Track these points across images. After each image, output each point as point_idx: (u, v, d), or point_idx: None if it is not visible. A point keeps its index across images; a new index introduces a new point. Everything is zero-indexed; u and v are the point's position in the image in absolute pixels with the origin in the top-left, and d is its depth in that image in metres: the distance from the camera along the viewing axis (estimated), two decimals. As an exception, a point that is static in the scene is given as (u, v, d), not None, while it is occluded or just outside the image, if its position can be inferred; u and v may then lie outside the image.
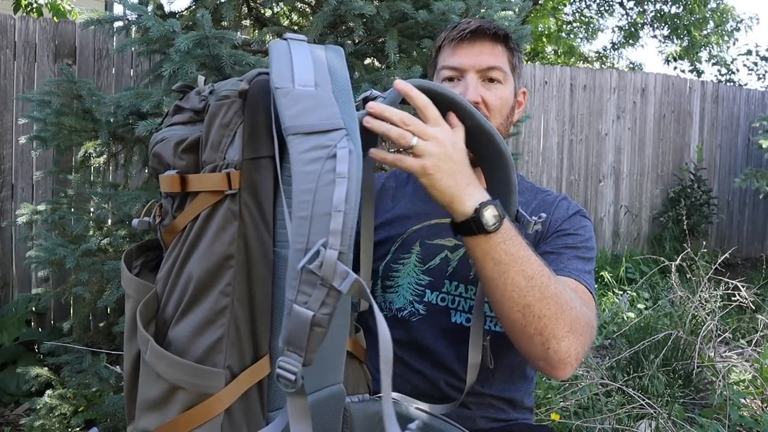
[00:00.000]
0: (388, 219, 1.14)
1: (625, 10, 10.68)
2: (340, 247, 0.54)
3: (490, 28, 1.05)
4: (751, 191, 5.84)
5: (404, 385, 1.07)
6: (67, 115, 1.95)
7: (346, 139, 0.57)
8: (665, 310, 3.17)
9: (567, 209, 1.08)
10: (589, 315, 0.87)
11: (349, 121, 0.60)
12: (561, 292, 0.83)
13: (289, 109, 0.59)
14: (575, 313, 0.84)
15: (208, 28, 1.56)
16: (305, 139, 0.57)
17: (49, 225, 2.20)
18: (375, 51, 1.96)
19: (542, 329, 0.81)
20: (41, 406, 1.93)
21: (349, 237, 0.54)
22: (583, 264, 1.01)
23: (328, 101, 0.61)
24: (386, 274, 1.11)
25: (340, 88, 0.62)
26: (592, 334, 0.88)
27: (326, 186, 0.55)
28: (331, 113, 0.59)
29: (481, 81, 1.05)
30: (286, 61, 0.63)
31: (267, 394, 0.68)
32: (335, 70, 0.64)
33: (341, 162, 0.55)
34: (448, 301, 1.06)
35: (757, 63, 10.55)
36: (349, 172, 0.55)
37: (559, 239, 1.03)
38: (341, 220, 0.54)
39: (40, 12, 4.29)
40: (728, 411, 2.15)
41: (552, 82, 5.01)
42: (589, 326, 0.87)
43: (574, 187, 5.14)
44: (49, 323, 2.90)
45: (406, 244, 1.11)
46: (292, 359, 0.56)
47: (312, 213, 0.55)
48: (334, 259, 0.53)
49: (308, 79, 0.62)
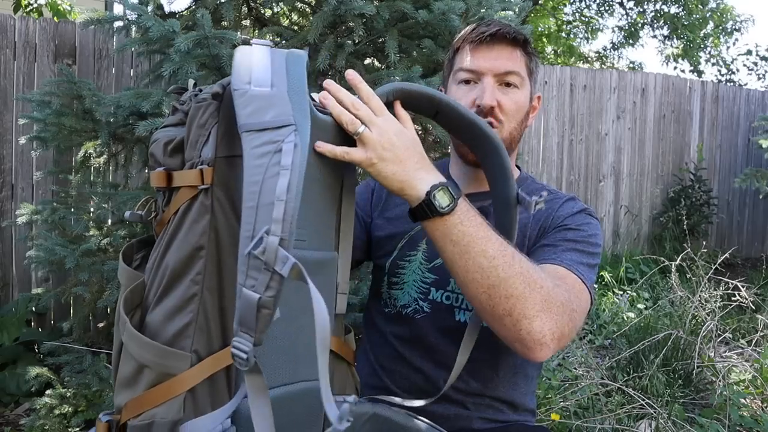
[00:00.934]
0: (397, 214, 1.14)
1: (625, 10, 10.68)
2: (281, 233, 0.57)
3: (510, 33, 1.05)
4: (751, 191, 5.83)
5: (403, 381, 1.08)
6: (67, 115, 1.96)
7: (294, 134, 0.61)
8: (665, 310, 3.17)
9: (573, 207, 1.08)
10: (564, 296, 0.85)
11: (300, 118, 0.63)
12: (528, 271, 0.81)
13: (244, 109, 0.64)
14: (546, 292, 0.82)
15: (208, 28, 1.56)
16: (257, 135, 0.62)
17: (49, 225, 2.20)
18: (375, 51, 1.96)
19: (511, 309, 0.80)
20: (41, 406, 1.93)
21: (290, 224, 0.58)
22: (580, 256, 0.98)
23: (281, 100, 0.64)
24: (392, 270, 1.12)
25: (294, 88, 0.66)
26: (573, 317, 0.86)
27: (271, 178, 0.59)
28: (282, 111, 0.63)
29: (498, 85, 1.05)
30: (246, 65, 0.67)
31: (236, 380, 0.72)
32: (292, 72, 0.67)
33: (286, 155, 0.60)
34: (452, 300, 1.06)
35: (757, 63, 10.55)
36: (292, 165, 0.59)
37: (559, 233, 1.03)
38: (282, 209, 0.58)
39: (40, 12, 4.29)
40: (728, 411, 2.15)
41: (552, 82, 5.01)
42: (566, 307, 0.84)
43: (574, 187, 5.14)
44: (49, 323, 2.90)
45: (413, 241, 1.11)
46: (245, 339, 0.60)
47: (258, 203, 0.59)
48: (275, 245, 0.57)
49: (265, 80, 0.66)
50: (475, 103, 1.04)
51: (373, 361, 1.13)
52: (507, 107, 1.05)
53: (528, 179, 1.16)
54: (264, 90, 0.65)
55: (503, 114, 1.05)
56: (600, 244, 1.04)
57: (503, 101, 1.05)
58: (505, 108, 1.05)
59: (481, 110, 1.03)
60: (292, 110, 0.63)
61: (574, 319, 0.86)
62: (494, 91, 1.04)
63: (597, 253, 1.02)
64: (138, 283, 0.71)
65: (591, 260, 1.00)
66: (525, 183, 1.14)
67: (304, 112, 0.64)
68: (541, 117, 4.96)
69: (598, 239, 1.04)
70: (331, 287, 0.86)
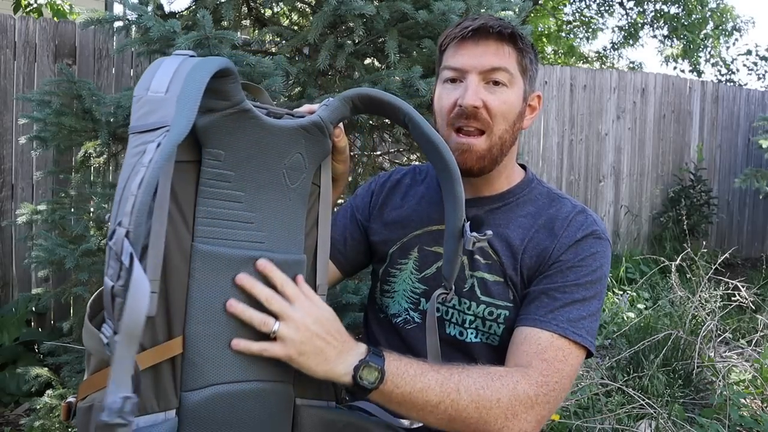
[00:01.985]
0: (394, 219, 1.12)
1: (625, 10, 10.68)
2: (128, 226, 0.60)
3: (495, 26, 0.97)
4: (751, 191, 5.83)
5: None
6: (67, 115, 1.95)
7: (164, 135, 0.63)
8: (665, 310, 3.17)
9: (577, 230, 0.98)
10: (531, 389, 0.85)
11: (180, 120, 0.65)
12: (478, 394, 0.83)
13: (136, 113, 0.68)
14: (505, 402, 0.83)
15: (208, 28, 1.56)
16: (137, 137, 0.66)
17: (49, 225, 2.20)
18: (375, 51, 1.96)
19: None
20: (41, 406, 1.93)
21: (136, 217, 0.60)
22: (581, 308, 0.93)
23: (167, 104, 0.67)
24: (384, 278, 1.10)
25: (187, 92, 0.67)
26: (549, 398, 0.86)
27: (134, 176, 0.62)
28: (165, 114, 0.66)
29: (484, 83, 0.97)
30: (150, 73, 0.70)
31: (180, 374, 0.75)
32: (191, 78, 0.68)
33: (147, 154, 0.62)
34: (442, 312, 1.03)
35: (757, 63, 10.55)
36: (149, 162, 0.61)
37: (557, 275, 0.95)
38: (132, 203, 0.60)
39: (40, 12, 4.29)
40: (728, 411, 2.15)
41: (552, 82, 5.01)
42: (535, 398, 0.85)
43: (574, 187, 5.14)
44: (49, 323, 2.90)
45: (405, 248, 1.08)
46: (107, 327, 0.63)
47: (120, 198, 0.62)
48: (122, 236, 0.60)
49: (161, 86, 0.68)
50: (456, 104, 0.97)
51: None
52: (494, 107, 0.96)
53: (533, 182, 1.08)
54: (158, 95, 0.68)
55: (490, 115, 0.97)
56: (606, 275, 0.98)
57: (489, 101, 0.96)
58: (492, 108, 0.96)
59: (463, 111, 0.96)
60: (176, 112, 0.65)
61: (552, 398, 0.87)
62: (478, 90, 0.96)
63: (600, 291, 0.96)
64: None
65: (592, 305, 0.94)
66: (529, 187, 1.07)
67: (187, 112, 0.65)
68: (541, 117, 4.96)
69: (603, 270, 0.97)
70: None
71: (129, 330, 0.58)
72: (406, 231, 1.09)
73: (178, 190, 0.75)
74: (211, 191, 0.78)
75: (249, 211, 0.81)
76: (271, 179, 0.83)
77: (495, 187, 1.06)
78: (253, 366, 0.80)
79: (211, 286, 0.77)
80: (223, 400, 0.77)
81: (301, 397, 0.86)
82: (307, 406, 0.86)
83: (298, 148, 0.84)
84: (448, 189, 0.89)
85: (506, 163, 1.04)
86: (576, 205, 1.03)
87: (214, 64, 0.70)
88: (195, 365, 0.75)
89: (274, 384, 0.82)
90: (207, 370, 0.76)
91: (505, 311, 0.99)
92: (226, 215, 0.79)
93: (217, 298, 0.77)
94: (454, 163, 0.87)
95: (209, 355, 0.76)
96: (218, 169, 0.78)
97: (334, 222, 1.16)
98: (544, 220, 1.01)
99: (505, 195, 1.06)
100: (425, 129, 0.87)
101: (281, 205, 0.84)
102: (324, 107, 0.88)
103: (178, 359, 0.75)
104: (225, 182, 0.79)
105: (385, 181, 1.18)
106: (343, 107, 0.89)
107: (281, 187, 0.84)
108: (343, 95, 0.88)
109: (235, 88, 0.75)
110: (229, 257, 0.78)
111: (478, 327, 1.01)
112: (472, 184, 1.05)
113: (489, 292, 1.00)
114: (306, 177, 0.87)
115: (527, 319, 0.94)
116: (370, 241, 1.15)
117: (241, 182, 0.80)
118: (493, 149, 0.99)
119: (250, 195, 0.81)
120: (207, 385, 0.76)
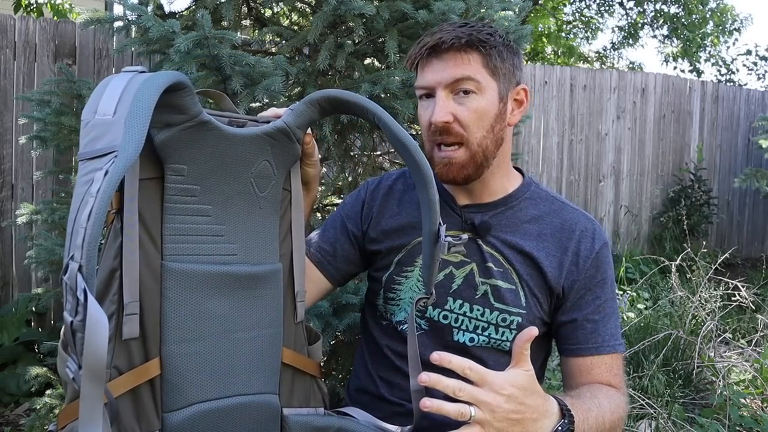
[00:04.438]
0: (393, 227, 1.10)
1: (625, 10, 10.68)
2: (80, 260, 0.58)
3: (448, 39, 0.97)
4: (751, 191, 5.84)
5: (402, 393, 1.05)
6: (66, 114, 1.95)
7: (112, 161, 0.61)
8: (665, 310, 3.17)
9: (592, 244, 1.04)
10: (623, 401, 1.00)
11: (128, 143, 0.62)
12: (612, 423, 0.94)
13: (84, 138, 0.65)
14: (621, 419, 0.97)
15: (207, 28, 1.55)
16: (86, 164, 0.63)
17: (49, 225, 2.19)
18: (375, 51, 1.96)
19: None
20: (41, 406, 1.93)
21: (87, 251, 0.57)
22: (615, 318, 1.05)
23: (115, 127, 0.63)
24: (388, 286, 1.09)
25: (134, 112, 0.64)
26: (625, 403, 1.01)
27: (84, 206, 0.59)
28: (113, 138, 0.63)
29: (453, 95, 0.98)
30: (98, 95, 0.67)
31: (161, 395, 0.74)
32: (140, 97, 0.65)
33: (95, 183, 0.60)
34: (451, 320, 1.04)
35: (757, 63, 10.55)
36: (97, 192, 0.59)
37: (589, 295, 1.04)
38: (82, 236, 0.58)
39: (40, 12, 4.29)
40: (728, 411, 2.15)
41: (552, 82, 5.01)
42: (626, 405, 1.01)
43: (574, 187, 5.14)
44: (49, 323, 2.90)
45: (410, 256, 1.07)
46: (71, 361, 0.61)
47: (72, 230, 0.60)
48: (75, 270, 0.58)
49: (109, 108, 0.65)
50: (430, 122, 0.99)
51: (371, 370, 1.11)
52: (464, 118, 0.97)
53: (531, 185, 1.09)
54: (105, 118, 0.65)
55: (462, 126, 0.98)
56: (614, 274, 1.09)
57: (459, 113, 0.97)
58: (463, 120, 0.97)
59: (436, 128, 0.98)
60: (123, 134, 0.62)
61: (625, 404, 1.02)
62: (447, 105, 0.97)
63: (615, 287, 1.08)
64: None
65: (616, 306, 1.07)
66: (529, 190, 1.08)
67: (136, 134, 0.63)
68: (541, 117, 4.96)
69: (613, 273, 1.08)
70: (276, 298, 0.86)
71: (91, 367, 0.56)
72: (409, 238, 1.08)
73: (143, 208, 0.74)
74: (176, 207, 0.77)
75: (218, 223, 0.80)
76: (239, 189, 0.82)
77: (494, 191, 1.07)
78: (234, 380, 0.79)
79: (185, 304, 0.76)
80: (207, 417, 0.76)
81: (287, 407, 0.86)
82: (295, 415, 0.86)
83: (264, 155, 0.83)
84: (422, 192, 0.87)
85: (499, 164, 1.05)
86: (576, 210, 1.08)
87: (162, 79, 0.67)
88: (174, 386, 0.75)
89: (257, 396, 0.81)
90: (187, 390, 0.75)
91: (518, 317, 1.01)
92: (195, 230, 0.78)
93: (192, 316, 0.76)
94: (426, 165, 0.85)
95: (188, 374, 0.75)
96: (182, 184, 0.77)
97: (324, 231, 1.15)
98: (550, 227, 1.05)
99: (507, 199, 1.07)
100: (395, 130, 0.85)
101: (252, 215, 0.83)
102: (290, 112, 0.87)
103: (156, 381, 0.74)
104: (190, 197, 0.78)
105: (375, 189, 1.17)
106: (310, 111, 0.87)
107: (250, 196, 0.83)
108: (309, 98, 0.87)
109: (190, 101, 0.73)
110: (201, 273, 0.77)
111: (491, 334, 1.02)
112: (471, 191, 1.06)
113: (503, 299, 1.01)
114: (276, 183, 0.86)
115: (585, 348, 1.03)
116: (368, 250, 1.13)
117: (208, 195, 0.79)
118: (476, 157, 1.00)
119: (218, 207, 0.80)
120: (189, 404, 0.76)
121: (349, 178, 2.07)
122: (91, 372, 0.56)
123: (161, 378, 0.74)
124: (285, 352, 0.88)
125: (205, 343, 0.77)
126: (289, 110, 0.88)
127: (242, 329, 0.81)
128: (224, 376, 0.78)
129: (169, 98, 0.70)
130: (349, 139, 2.03)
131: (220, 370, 0.78)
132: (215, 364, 0.78)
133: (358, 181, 2.05)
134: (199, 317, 0.77)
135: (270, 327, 0.85)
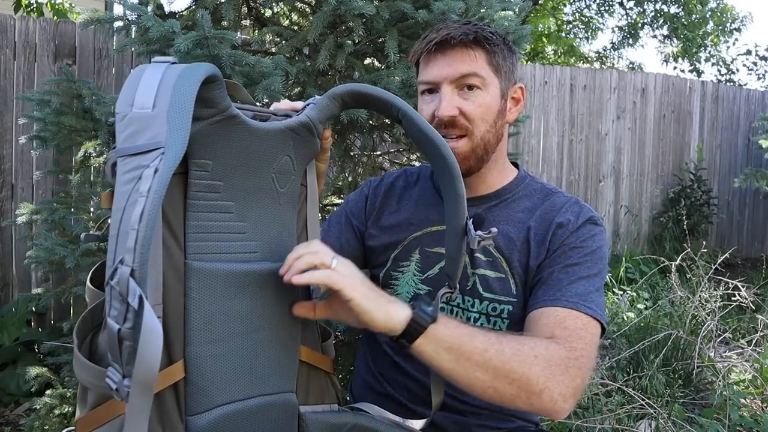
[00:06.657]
0: (391, 224, 1.12)
1: (625, 10, 10.68)
2: (132, 263, 0.55)
3: (456, 35, 0.98)
4: (751, 191, 5.83)
5: (403, 390, 1.06)
6: (66, 114, 1.95)
7: (160, 158, 0.58)
8: (665, 310, 3.17)
9: (577, 217, 1.02)
10: (562, 352, 0.85)
11: (175, 140, 0.60)
12: (518, 349, 0.83)
13: (122, 133, 0.62)
14: (543, 360, 0.83)
15: (207, 28, 1.55)
16: (128, 161, 0.60)
17: (49, 225, 2.19)
18: (375, 51, 1.96)
19: (518, 392, 0.82)
20: (41, 406, 1.93)
21: (140, 254, 0.55)
22: (587, 284, 0.95)
23: (157, 122, 0.61)
24: (386, 281, 1.10)
25: (177, 106, 0.62)
26: (580, 363, 0.86)
27: (131, 206, 0.57)
28: (156, 133, 0.60)
29: (458, 90, 1.00)
30: (132, 86, 0.64)
31: (185, 399, 0.71)
32: (179, 89, 0.63)
33: (144, 182, 0.57)
34: (446, 311, 1.04)
35: (757, 63, 10.54)
36: (148, 192, 0.56)
37: (562, 256, 0.98)
38: (134, 238, 0.55)
39: (41, 12, 4.29)
40: (728, 411, 2.15)
41: (552, 82, 5.01)
42: (568, 361, 0.85)
43: (574, 187, 5.13)
44: (49, 323, 2.90)
45: (406, 251, 1.08)
46: (113, 371, 0.58)
47: (119, 231, 0.57)
48: (126, 275, 0.55)
49: (147, 101, 0.63)
50: (434, 115, 1.00)
51: (373, 368, 1.12)
52: (470, 113, 1.00)
53: (527, 179, 1.11)
54: (144, 112, 0.62)
55: (468, 121, 1.00)
56: (606, 256, 1.01)
57: (465, 107, 0.99)
58: (469, 114, 1.00)
59: (441, 122, 0.99)
60: (168, 130, 0.60)
61: (582, 364, 0.86)
62: (453, 99, 0.99)
63: (602, 269, 0.99)
64: (99, 303, 0.70)
65: (597, 282, 0.97)
66: (523, 183, 1.09)
67: (181, 130, 0.61)
68: (541, 117, 4.96)
69: (603, 251, 1.00)
70: (294, 296, 0.85)
71: (142, 379, 0.54)
72: (405, 234, 1.09)
73: (166, 205, 0.71)
74: (200, 204, 0.74)
75: (240, 220, 0.78)
76: (261, 185, 0.80)
77: (490, 184, 1.08)
78: (257, 380, 0.77)
79: (209, 305, 0.74)
80: (230, 419, 0.74)
81: (304, 404, 0.84)
82: (312, 413, 0.85)
83: (286, 150, 0.81)
84: (449, 187, 0.86)
85: (496, 159, 1.07)
86: (570, 197, 1.07)
87: (200, 71, 0.65)
88: (200, 388, 0.72)
89: (279, 396, 0.80)
90: (213, 392, 0.73)
91: (508, 306, 1.01)
92: (218, 227, 0.76)
93: (216, 316, 0.74)
94: (453, 160, 0.85)
95: (214, 376, 0.73)
96: (206, 180, 0.74)
97: (329, 228, 1.15)
98: (539, 212, 1.04)
99: (501, 192, 1.08)
100: (421, 124, 0.84)
101: (272, 211, 0.82)
102: (312, 106, 0.85)
103: (180, 384, 0.72)
104: (214, 193, 0.75)
105: (377, 186, 1.18)
106: (332, 105, 0.85)
107: (271, 192, 0.81)
108: (332, 92, 0.85)
109: (221, 94, 0.71)
110: (225, 272, 0.75)
111: (483, 324, 1.02)
112: (467, 184, 1.05)
113: (491, 288, 1.01)
114: (295, 179, 0.84)
115: (539, 301, 0.95)
116: (367, 246, 1.14)
117: (231, 191, 0.77)
118: (477, 149, 1.01)
119: (240, 204, 0.78)
120: (213, 406, 0.73)
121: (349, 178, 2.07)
122: (142, 384, 0.54)
123: (185, 381, 0.72)
124: (302, 349, 0.87)
125: (229, 343, 0.75)
126: (311, 104, 0.85)
127: (264, 328, 0.79)
128: (248, 376, 0.77)
129: (200, 91, 0.67)
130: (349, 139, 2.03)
131: (243, 371, 0.76)
132: (239, 364, 0.76)
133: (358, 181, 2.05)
134: (223, 317, 0.74)
135: (290, 324, 0.83)
